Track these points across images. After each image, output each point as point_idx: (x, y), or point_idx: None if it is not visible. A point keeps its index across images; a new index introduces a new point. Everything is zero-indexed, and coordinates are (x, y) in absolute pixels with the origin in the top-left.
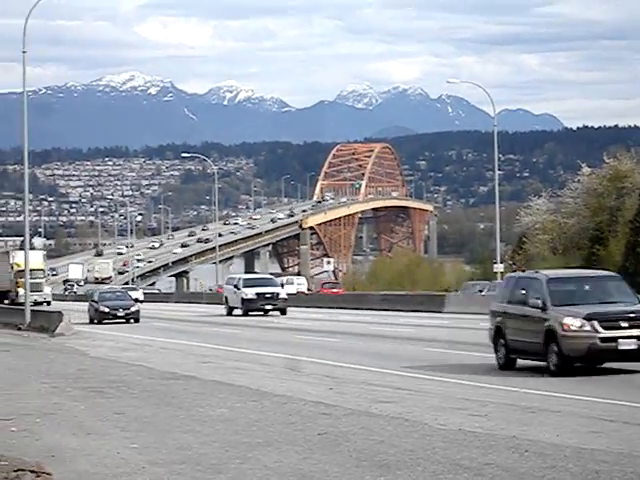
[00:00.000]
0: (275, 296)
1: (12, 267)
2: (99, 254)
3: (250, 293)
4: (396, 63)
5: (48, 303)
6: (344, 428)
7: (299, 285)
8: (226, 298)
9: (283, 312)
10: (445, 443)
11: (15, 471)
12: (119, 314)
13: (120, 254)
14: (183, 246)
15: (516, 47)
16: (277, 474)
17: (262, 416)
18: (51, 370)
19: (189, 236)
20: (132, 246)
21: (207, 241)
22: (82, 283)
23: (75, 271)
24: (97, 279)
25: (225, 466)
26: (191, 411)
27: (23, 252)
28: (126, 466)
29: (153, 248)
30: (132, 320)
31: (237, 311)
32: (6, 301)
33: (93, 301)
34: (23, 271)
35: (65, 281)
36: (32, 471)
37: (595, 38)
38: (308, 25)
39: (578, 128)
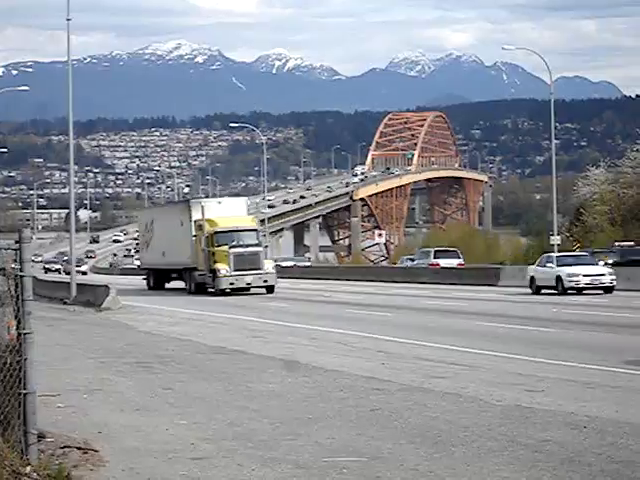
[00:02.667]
0: None
1: (200, 228)
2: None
3: None
4: (449, 29)
5: (269, 289)
6: (397, 404)
7: None
8: None
9: None
10: (501, 419)
11: (62, 448)
12: None
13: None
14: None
15: (573, 13)
16: (329, 450)
17: (313, 392)
18: (98, 345)
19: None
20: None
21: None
22: None
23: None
24: None
25: (276, 442)
26: (241, 386)
27: (217, 203)
28: (175, 442)
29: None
30: None
31: None
32: (184, 284)
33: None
34: (227, 233)
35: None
36: (79, 448)
37: None
38: None
39: (637, 96)
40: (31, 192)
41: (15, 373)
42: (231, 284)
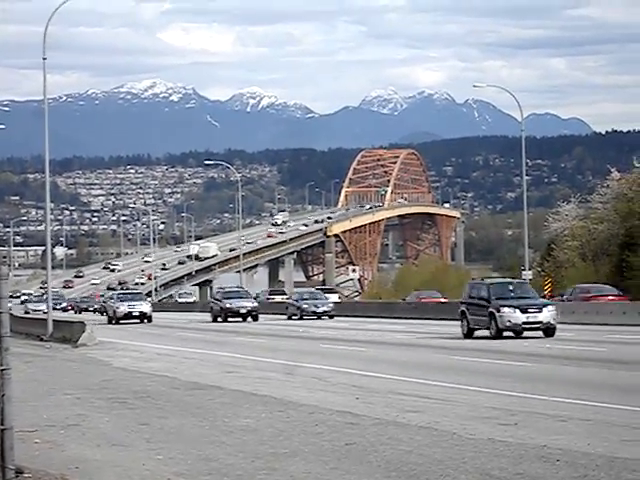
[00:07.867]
0: None
1: None
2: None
3: None
4: (421, 68)
5: None
6: (372, 438)
7: None
8: None
9: None
10: (475, 453)
11: None
12: None
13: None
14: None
15: (543, 51)
16: None
17: (288, 426)
18: (74, 381)
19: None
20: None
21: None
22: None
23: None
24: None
25: (251, 477)
26: (216, 421)
27: None
28: (151, 477)
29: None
30: None
31: None
32: None
33: None
34: None
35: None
36: None
37: (624, 41)
38: (332, 31)
39: (607, 132)
40: (7, 229)
41: None
42: None
